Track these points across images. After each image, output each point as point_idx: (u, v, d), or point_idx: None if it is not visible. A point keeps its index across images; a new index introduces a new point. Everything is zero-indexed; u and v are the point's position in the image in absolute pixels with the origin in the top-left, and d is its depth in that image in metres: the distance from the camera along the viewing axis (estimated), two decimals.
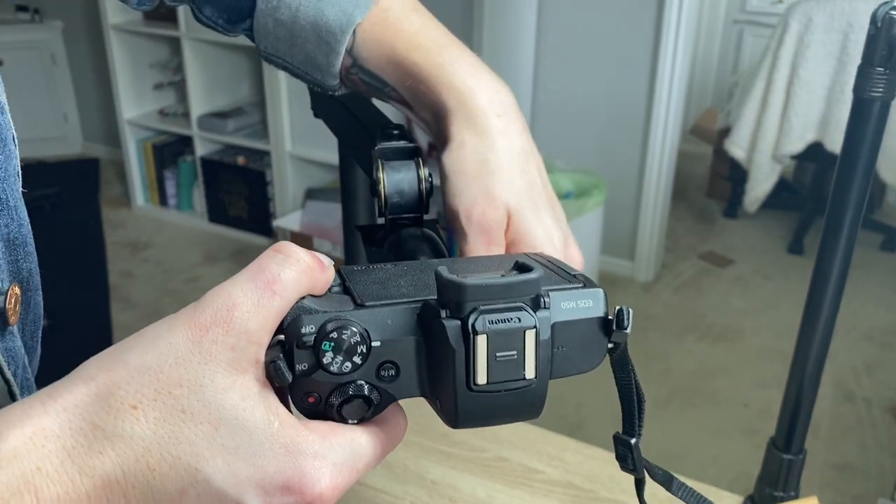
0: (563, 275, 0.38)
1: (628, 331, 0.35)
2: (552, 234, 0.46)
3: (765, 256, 3.41)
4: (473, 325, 0.31)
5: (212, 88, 3.47)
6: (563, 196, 2.90)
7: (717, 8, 4.63)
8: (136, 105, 3.63)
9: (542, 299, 0.33)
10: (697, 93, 4.75)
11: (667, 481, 0.43)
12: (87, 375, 0.31)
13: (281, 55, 0.55)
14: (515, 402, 0.34)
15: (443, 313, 0.32)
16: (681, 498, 0.44)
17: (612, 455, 0.87)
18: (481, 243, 0.45)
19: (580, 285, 0.36)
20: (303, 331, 0.32)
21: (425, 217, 0.49)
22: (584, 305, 0.35)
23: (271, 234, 3.38)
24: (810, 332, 0.73)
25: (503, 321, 0.32)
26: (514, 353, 0.32)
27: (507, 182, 0.46)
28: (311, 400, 0.33)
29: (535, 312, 0.32)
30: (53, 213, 3.67)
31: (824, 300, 0.71)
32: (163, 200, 3.73)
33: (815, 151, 3.10)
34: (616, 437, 0.40)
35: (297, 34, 0.53)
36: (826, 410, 2.38)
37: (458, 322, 0.32)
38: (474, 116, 0.48)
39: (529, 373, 0.33)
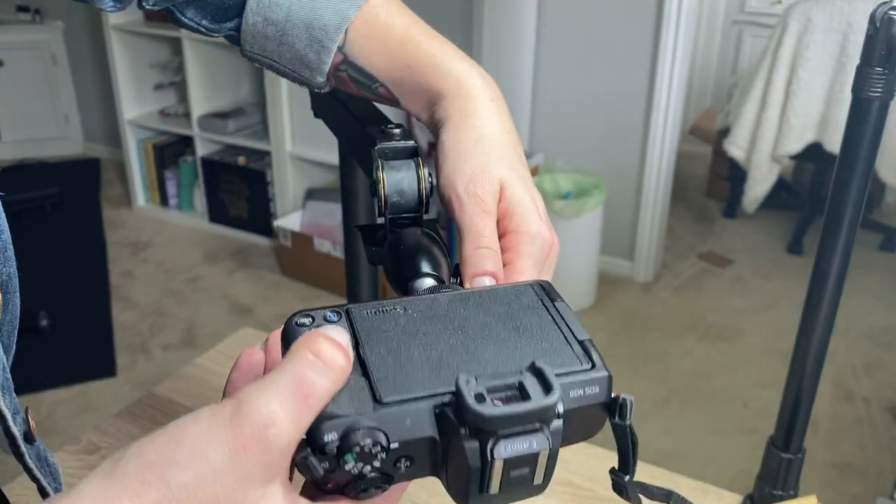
0: (573, 342, 0.38)
1: (629, 422, 0.36)
2: (537, 203, 0.50)
3: (764, 256, 3.41)
4: (492, 451, 0.32)
5: (212, 89, 3.47)
6: (562, 196, 2.90)
7: (717, 8, 4.63)
8: (136, 105, 3.63)
9: (555, 411, 0.33)
10: (697, 93, 4.75)
11: (665, 498, 0.44)
12: (131, 490, 0.32)
13: (268, 54, 0.57)
14: (523, 496, 0.35)
15: (462, 430, 0.32)
16: None
17: (612, 454, 0.87)
18: (476, 213, 0.47)
19: (589, 366, 0.36)
20: (325, 440, 0.32)
21: (425, 217, 0.49)
22: (591, 392, 0.36)
23: (272, 234, 3.38)
24: (809, 332, 0.73)
25: (520, 445, 0.32)
26: (527, 469, 0.33)
27: (501, 157, 0.49)
28: (329, 485, 0.34)
29: (550, 427, 0.33)
30: (54, 212, 3.67)
31: (823, 300, 0.71)
32: (163, 200, 3.73)
33: (814, 151, 3.10)
34: (612, 472, 0.41)
35: (287, 32, 0.55)
36: (825, 410, 2.38)
37: (477, 444, 0.32)
38: (471, 98, 0.51)
39: (538, 480, 0.34)
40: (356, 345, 0.35)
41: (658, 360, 2.65)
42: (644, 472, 0.81)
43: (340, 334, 0.34)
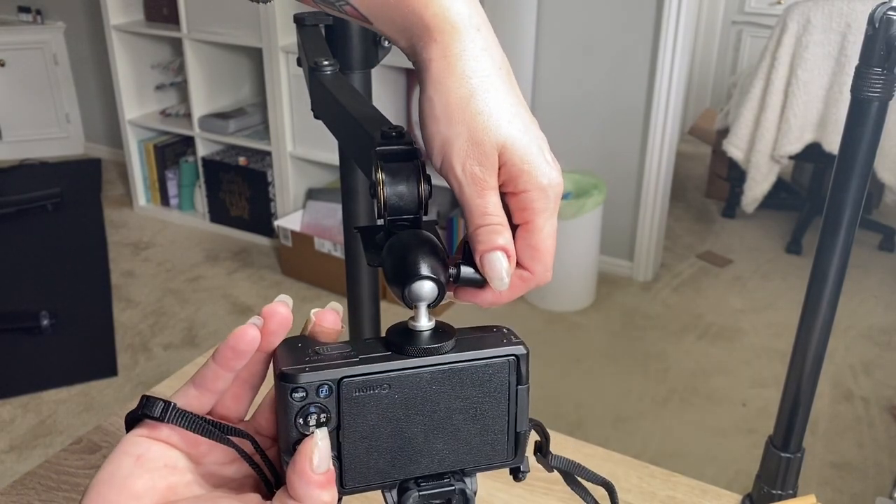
0: (510, 435, 0.45)
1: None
2: (542, 147, 0.46)
3: (763, 256, 3.41)
4: None
5: (213, 89, 3.47)
6: (562, 197, 2.90)
7: (716, 9, 4.63)
8: (137, 106, 3.64)
9: None
10: (696, 93, 4.76)
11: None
12: None
13: None
14: None
15: None
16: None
17: (611, 453, 0.87)
18: (476, 192, 0.44)
19: (511, 459, 0.45)
20: None
21: (424, 218, 0.49)
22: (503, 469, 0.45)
23: (272, 234, 3.39)
24: (808, 332, 0.73)
25: None
26: None
27: (497, 112, 0.44)
28: None
29: None
30: (55, 213, 3.68)
31: (822, 299, 0.72)
32: (164, 200, 3.73)
33: (813, 152, 3.10)
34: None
35: None
36: (824, 409, 2.39)
37: None
38: (457, 34, 0.44)
39: None
40: (337, 427, 0.41)
41: (657, 360, 2.65)
42: (643, 472, 0.81)
43: (328, 462, 0.38)
